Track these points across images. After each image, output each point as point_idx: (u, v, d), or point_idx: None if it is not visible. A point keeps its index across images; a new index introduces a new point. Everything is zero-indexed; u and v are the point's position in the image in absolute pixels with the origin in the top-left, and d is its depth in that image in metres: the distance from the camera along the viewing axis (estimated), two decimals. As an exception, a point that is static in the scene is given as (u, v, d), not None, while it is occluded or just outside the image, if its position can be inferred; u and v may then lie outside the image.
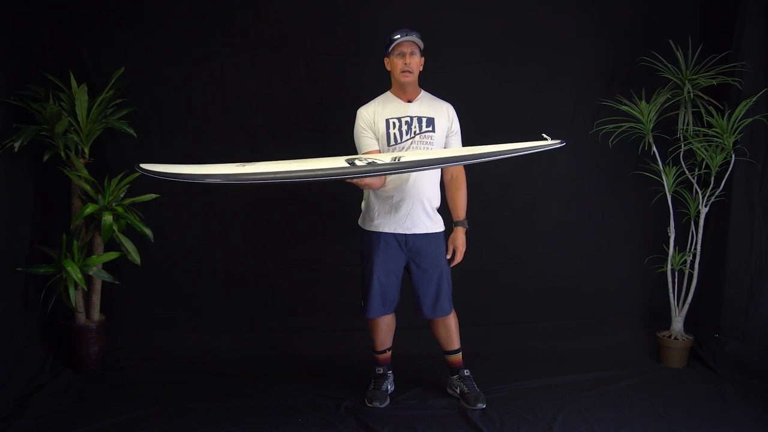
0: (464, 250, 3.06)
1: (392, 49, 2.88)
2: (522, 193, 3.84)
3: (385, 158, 2.55)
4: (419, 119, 2.93)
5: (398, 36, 2.86)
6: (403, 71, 2.88)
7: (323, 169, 2.47)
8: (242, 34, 3.62)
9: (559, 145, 2.41)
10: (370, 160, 2.51)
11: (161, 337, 3.72)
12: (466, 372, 3.17)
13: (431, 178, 2.98)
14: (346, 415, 2.95)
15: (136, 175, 3.39)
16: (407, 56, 2.87)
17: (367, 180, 2.72)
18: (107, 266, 3.50)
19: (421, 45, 2.90)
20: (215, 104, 3.67)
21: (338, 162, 2.53)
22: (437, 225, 3.02)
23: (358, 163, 2.48)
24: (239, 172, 2.40)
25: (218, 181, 2.35)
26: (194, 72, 3.63)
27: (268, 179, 2.43)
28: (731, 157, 3.47)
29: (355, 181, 2.66)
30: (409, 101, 2.97)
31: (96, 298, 3.51)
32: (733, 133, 3.38)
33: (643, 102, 3.48)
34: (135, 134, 3.46)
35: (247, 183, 2.39)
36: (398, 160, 2.52)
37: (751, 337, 3.48)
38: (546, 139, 2.44)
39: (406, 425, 2.86)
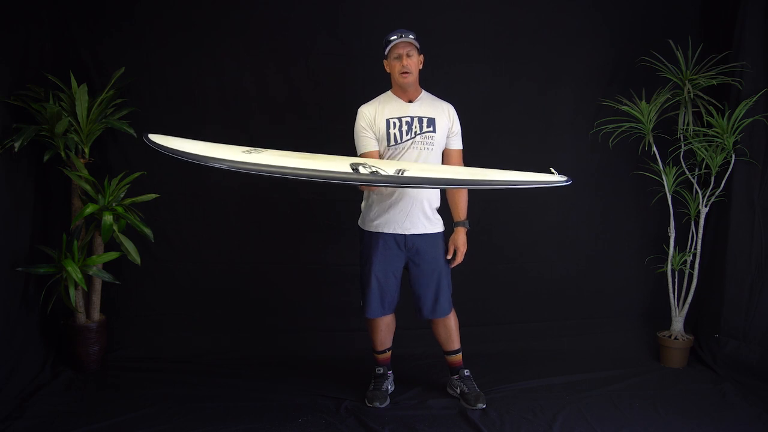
0: (465, 250, 3.06)
1: (389, 51, 2.89)
2: (522, 193, 3.83)
3: (389, 170, 2.55)
4: (420, 119, 2.93)
5: (394, 37, 2.86)
6: (402, 73, 2.88)
7: (327, 171, 2.47)
8: (242, 35, 3.62)
9: (565, 183, 2.38)
10: (374, 170, 2.51)
11: (161, 337, 3.72)
12: (466, 372, 3.17)
13: (431, 178, 2.98)
14: (346, 415, 2.95)
15: (137, 175, 3.40)
16: (404, 58, 2.87)
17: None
18: (107, 266, 3.50)
19: (418, 45, 2.89)
20: (215, 104, 3.67)
21: (343, 165, 2.53)
22: (436, 225, 3.02)
23: (362, 170, 2.49)
24: (244, 160, 2.40)
25: (222, 166, 2.36)
26: (194, 72, 3.63)
27: (272, 173, 2.43)
28: (731, 157, 3.47)
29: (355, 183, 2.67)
30: (410, 101, 2.97)
31: (96, 298, 3.51)
32: (733, 133, 3.39)
33: (643, 102, 3.48)
34: (135, 134, 3.45)
35: (248, 173, 2.41)
36: (402, 173, 2.52)
37: (751, 337, 3.48)
38: (553, 173, 2.42)
39: (406, 425, 2.86)
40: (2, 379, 3.05)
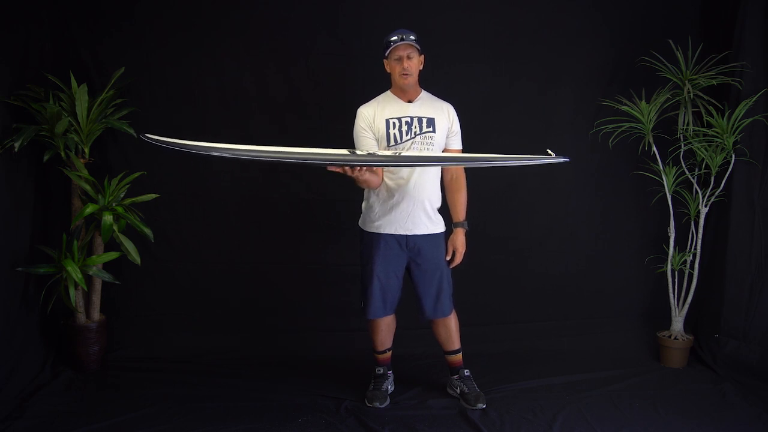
0: (464, 251, 3.06)
1: (389, 52, 2.88)
2: (522, 192, 3.84)
3: (386, 152, 2.59)
4: (419, 119, 2.93)
5: (394, 38, 2.86)
6: (402, 74, 2.88)
7: (324, 153, 2.54)
8: (242, 35, 3.62)
9: (563, 161, 2.42)
10: (370, 152, 2.54)
11: (161, 337, 3.72)
12: (466, 372, 3.17)
13: (432, 179, 2.98)
14: (346, 415, 2.95)
15: (137, 175, 3.40)
16: (404, 60, 2.86)
17: (366, 177, 2.71)
18: (107, 266, 3.50)
19: (418, 46, 2.89)
20: (215, 104, 3.67)
21: (340, 151, 2.59)
22: (438, 226, 3.02)
23: (359, 152, 2.53)
24: (244, 148, 2.46)
25: (223, 155, 2.42)
26: (194, 72, 3.63)
27: (271, 158, 2.50)
28: (731, 157, 3.47)
29: (354, 175, 2.65)
30: (410, 101, 2.96)
31: (96, 298, 3.51)
32: (733, 133, 3.39)
33: (643, 102, 3.49)
34: (135, 134, 3.45)
35: (247, 159, 2.50)
36: (399, 153, 2.57)
37: (751, 337, 3.48)
38: (550, 155, 2.46)
39: (406, 425, 2.86)
40: (2, 379, 3.05)
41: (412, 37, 2.85)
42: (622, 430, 2.83)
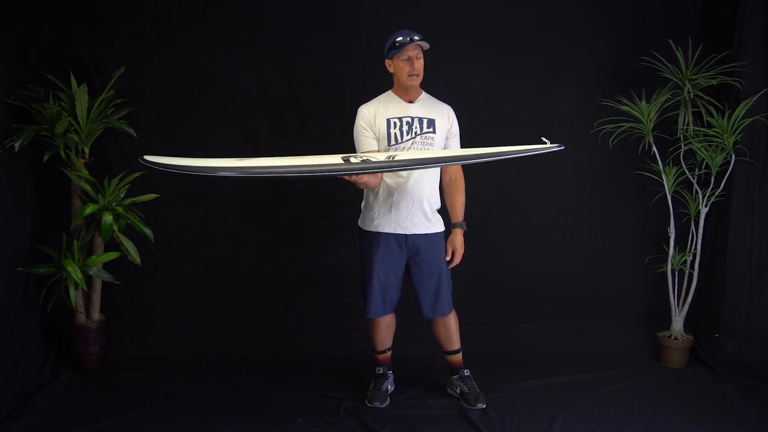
0: (463, 251, 3.06)
1: (399, 53, 2.86)
2: (522, 192, 3.84)
3: (380, 157, 2.58)
4: (420, 120, 2.93)
5: (401, 38, 2.84)
6: (411, 75, 2.87)
7: (319, 165, 2.53)
8: (242, 35, 3.63)
9: (557, 148, 2.42)
10: (364, 158, 2.54)
11: (161, 337, 3.72)
12: (466, 372, 3.17)
13: (431, 179, 2.98)
14: (346, 415, 2.96)
15: (137, 175, 3.39)
16: (414, 61, 2.86)
17: (365, 179, 2.72)
18: (107, 266, 3.50)
19: (426, 46, 2.88)
20: (215, 104, 3.67)
21: (334, 159, 2.57)
22: (437, 225, 3.02)
23: (353, 160, 2.53)
24: (245, 165, 2.45)
25: (219, 174, 2.40)
26: (194, 72, 3.64)
27: (267, 173, 2.52)
28: (731, 157, 3.47)
29: (353, 179, 2.66)
30: (411, 102, 2.96)
31: (96, 298, 3.51)
32: (733, 133, 3.39)
33: (643, 102, 3.49)
34: (135, 134, 3.46)
35: (248, 176, 2.48)
36: (393, 158, 2.56)
37: (751, 337, 3.48)
38: (545, 143, 2.47)
39: (406, 425, 2.86)
40: (2, 379, 3.05)
41: (417, 38, 2.84)
42: (622, 430, 2.83)
